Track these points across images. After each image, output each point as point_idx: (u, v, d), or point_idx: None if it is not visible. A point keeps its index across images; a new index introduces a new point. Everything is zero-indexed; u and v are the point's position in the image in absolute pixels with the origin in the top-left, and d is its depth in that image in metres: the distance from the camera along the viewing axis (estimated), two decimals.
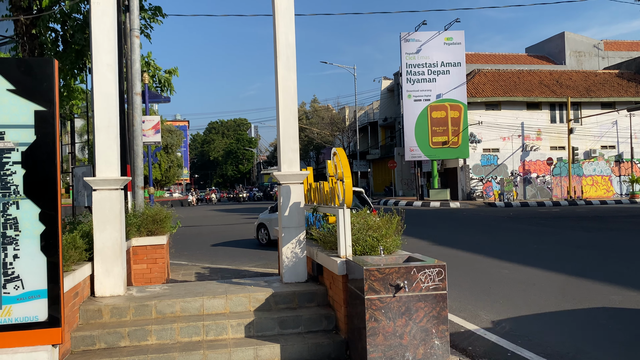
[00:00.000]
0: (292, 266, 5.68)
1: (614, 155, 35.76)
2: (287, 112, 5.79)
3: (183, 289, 5.70)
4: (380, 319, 4.07)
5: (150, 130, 11.19)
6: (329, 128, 53.85)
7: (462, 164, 34.11)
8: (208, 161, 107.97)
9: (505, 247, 11.86)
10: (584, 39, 46.63)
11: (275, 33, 5.80)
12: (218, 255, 11.82)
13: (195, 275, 8.78)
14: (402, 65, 33.15)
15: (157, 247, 7.53)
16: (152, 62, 13.25)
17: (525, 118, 34.64)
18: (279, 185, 5.74)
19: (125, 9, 9.22)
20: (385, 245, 5.03)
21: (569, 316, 5.79)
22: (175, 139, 59.04)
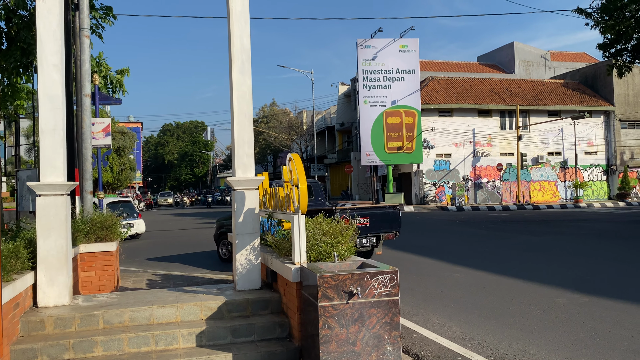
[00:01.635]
0: (245, 273, 5.61)
1: (560, 162, 37.32)
2: (242, 117, 5.72)
3: (132, 297, 5.53)
4: (334, 326, 4.07)
5: (100, 133, 10.82)
6: (287, 132, 53.80)
7: (416, 169, 34.77)
8: (162, 164, 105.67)
9: (457, 250, 12.13)
10: (532, 49, 48.52)
11: (230, 37, 5.73)
12: (171, 261, 11.57)
13: (146, 283, 8.55)
14: (358, 71, 33.52)
15: (106, 254, 7.29)
16: (103, 62, 12.87)
17: (477, 125, 35.69)
18: (233, 191, 5.67)
19: (75, 8, 8.91)
20: (340, 251, 5.04)
21: (517, 319, 5.96)
22: (128, 141, 57.47)
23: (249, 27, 5.79)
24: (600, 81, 38.96)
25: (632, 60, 24.62)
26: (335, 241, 5.13)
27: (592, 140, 37.93)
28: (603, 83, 38.60)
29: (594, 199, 37.38)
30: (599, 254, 10.99)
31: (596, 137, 38.04)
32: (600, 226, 17.82)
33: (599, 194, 38.18)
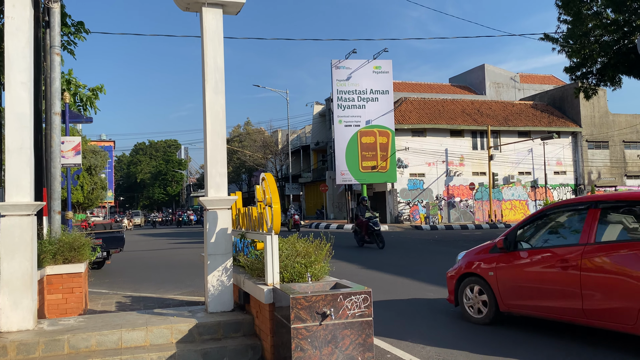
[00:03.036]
0: (217, 295, 5.52)
1: (530, 181, 38.12)
2: (215, 136, 5.69)
3: (100, 320, 5.38)
4: (307, 348, 4.02)
5: (70, 152, 10.62)
6: (262, 151, 53.68)
7: (390, 188, 35.04)
8: (134, 183, 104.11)
9: (430, 269, 12.19)
10: (502, 72, 49.82)
11: (204, 56, 5.73)
12: (142, 283, 11.32)
13: (116, 305, 8.34)
14: (333, 91, 33.84)
15: (74, 276, 7.09)
16: (74, 80, 12.68)
17: (449, 145, 36.28)
18: (205, 211, 5.61)
19: (46, 25, 8.80)
20: (314, 271, 5.01)
21: (491, 339, 5.99)
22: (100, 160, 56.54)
23: (222, 47, 5.80)
24: (567, 103, 40.16)
25: (597, 83, 25.47)
26: (309, 261, 5.11)
27: (561, 160, 38.92)
28: (570, 105, 39.79)
29: None
30: None
31: (564, 157, 39.05)
32: None
33: None
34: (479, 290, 6.70)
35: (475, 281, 6.77)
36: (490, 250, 6.71)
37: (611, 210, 5.62)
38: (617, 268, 5.13)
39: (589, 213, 5.66)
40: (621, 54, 22.87)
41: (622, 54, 22.84)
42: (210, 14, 5.74)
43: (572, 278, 5.43)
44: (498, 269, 6.42)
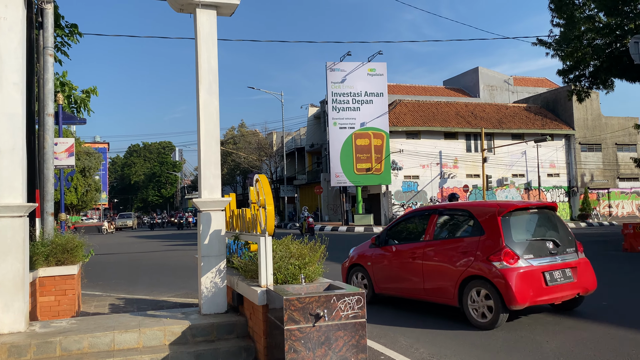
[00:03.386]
0: (211, 297, 5.50)
1: (524, 183, 38.29)
2: (209, 138, 5.69)
3: (93, 322, 5.36)
4: (300, 350, 4.02)
5: (64, 153, 10.57)
6: (257, 153, 53.63)
7: (385, 190, 35.08)
8: (128, 185, 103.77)
9: None
10: (496, 74, 50.04)
11: (198, 58, 5.73)
12: (136, 285, 11.27)
13: (109, 307, 8.30)
14: (328, 94, 33.87)
15: (66, 278, 7.05)
16: (68, 82, 12.64)
17: (443, 147, 36.39)
18: (199, 213, 5.60)
19: (39, 26, 8.77)
20: (307, 273, 5.01)
21: (484, 339, 6.01)
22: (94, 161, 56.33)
23: (216, 49, 5.80)
24: (560, 106, 40.38)
25: (590, 86, 25.64)
26: (303, 263, 5.10)
27: (554, 163, 39.11)
28: (563, 107, 40.01)
29: None
30: None
31: (558, 160, 39.24)
32: None
33: (562, 215, 39.21)
34: (361, 277, 8.48)
35: (359, 269, 8.54)
36: (369, 245, 8.44)
37: (444, 216, 7.48)
38: (442, 258, 6.99)
39: (430, 218, 7.51)
40: (614, 57, 23.02)
41: (614, 57, 23.00)
42: (204, 15, 5.74)
43: (418, 266, 7.24)
44: (373, 260, 8.18)
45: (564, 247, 6.80)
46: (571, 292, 6.60)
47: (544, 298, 6.35)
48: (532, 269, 6.32)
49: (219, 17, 5.94)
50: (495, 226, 6.51)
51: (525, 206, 7.01)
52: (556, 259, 6.59)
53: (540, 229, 6.95)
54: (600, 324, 6.51)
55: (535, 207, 7.15)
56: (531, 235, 6.75)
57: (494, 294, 6.24)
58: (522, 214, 6.89)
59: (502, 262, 6.24)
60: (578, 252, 7.02)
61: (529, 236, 6.70)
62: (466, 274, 6.56)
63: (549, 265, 6.47)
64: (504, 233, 6.44)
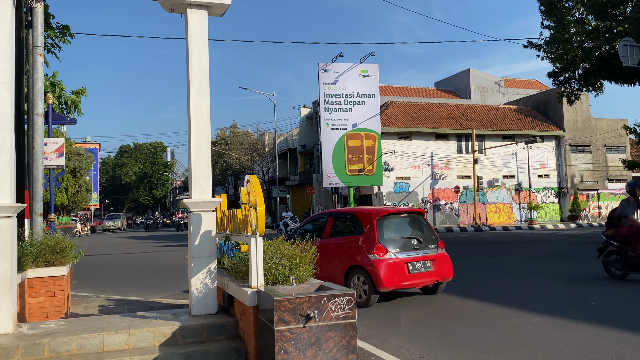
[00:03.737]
0: (201, 298, 5.49)
1: (514, 185, 38.50)
2: (200, 138, 5.67)
3: (82, 324, 5.32)
4: (290, 351, 4.01)
5: (53, 153, 10.50)
6: (249, 153, 53.54)
7: (377, 190, 35.15)
8: (119, 185, 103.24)
9: None
10: (487, 76, 50.30)
11: (188, 58, 5.71)
12: (126, 286, 11.21)
13: (99, 309, 8.24)
14: (320, 95, 33.89)
15: (56, 279, 7.00)
16: (58, 82, 12.55)
17: (435, 148, 36.53)
18: (189, 213, 5.58)
19: (29, 25, 8.70)
20: (298, 274, 5.01)
21: (474, 339, 6.04)
22: (85, 162, 55.97)
23: (207, 48, 5.79)
24: (551, 107, 40.66)
25: (579, 88, 25.87)
26: (294, 263, 5.10)
27: (545, 164, 39.37)
28: (554, 109, 40.29)
29: (547, 220, 38.63)
30: (551, 274, 11.30)
31: (548, 161, 39.51)
32: (553, 247, 18.39)
33: (552, 216, 39.50)
34: None
35: None
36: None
37: (338, 218, 9.09)
38: (334, 251, 8.52)
39: (328, 220, 9.14)
40: (603, 60, 23.24)
41: (603, 60, 23.21)
42: (195, 15, 5.72)
43: (319, 258, 7.33)
44: None
45: (426, 244, 8.40)
46: (430, 279, 8.23)
47: (406, 283, 7.94)
48: (398, 260, 7.91)
49: (210, 17, 5.93)
50: (372, 227, 8.13)
51: (396, 211, 8.61)
52: (418, 253, 8.18)
53: (407, 229, 8.57)
54: (590, 325, 6.56)
55: (405, 212, 8.78)
56: (399, 234, 8.34)
57: (367, 280, 7.86)
58: (393, 217, 8.49)
59: (374, 255, 7.87)
60: (439, 248, 8.58)
61: (397, 235, 8.29)
62: (349, 264, 8.19)
63: (412, 257, 8.05)
64: (377, 232, 8.05)
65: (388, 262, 7.81)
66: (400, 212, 8.70)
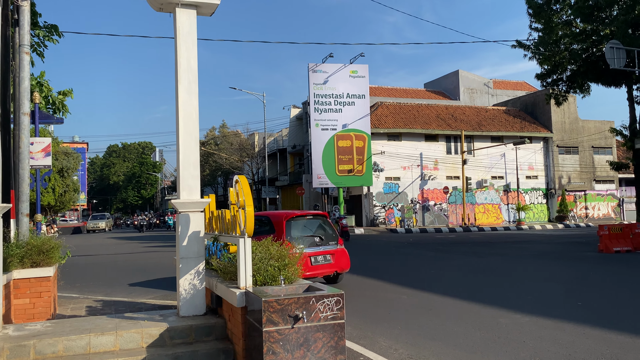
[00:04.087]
0: (189, 299, 5.46)
1: (503, 185, 38.77)
2: (188, 138, 5.65)
3: (69, 325, 5.27)
4: (278, 352, 4.01)
5: (40, 153, 10.39)
6: (238, 154, 53.36)
7: (366, 191, 35.22)
8: (108, 186, 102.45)
9: (405, 272, 12.29)
10: (476, 77, 50.60)
11: (177, 57, 5.69)
12: (114, 287, 11.12)
13: (86, 310, 8.17)
14: (310, 95, 33.89)
15: (42, 280, 6.92)
16: (45, 82, 12.41)
17: (424, 149, 36.68)
18: (177, 214, 5.55)
19: (15, 24, 8.60)
20: (287, 274, 5.00)
21: (462, 339, 6.07)
22: (72, 162, 55.39)
23: (196, 48, 5.77)
24: (539, 109, 41.01)
25: (567, 90, 26.11)
26: (282, 264, 5.10)
27: (533, 165, 39.69)
28: (542, 111, 40.64)
29: (535, 221, 38.94)
30: (538, 275, 11.40)
31: (536, 162, 39.84)
32: (541, 247, 18.54)
33: (540, 217, 39.83)
34: None
35: None
36: None
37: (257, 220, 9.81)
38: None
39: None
40: (590, 62, 23.48)
41: (590, 62, 23.45)
42: (183, 14, 5.70)
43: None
44: None
45: (327, 241, 9.77)
46: (330, 270, 9.59)
47: (309, 273, 9.09)
48: (303, 254, 8.61)
49: (199, 16, 5.91)
50: (281, 227, 9.45)
51: (302, 214, 10.09)
52: (320, 248, 9.52)
53: (311, 229, 9.92)
54: (576, 324, 6.63)
55: (310, 215, 10.26)
56: (304, 233, 9.69)
57: None
58: (299, 219, 9.90)
59: None
60: (338, 244, 9.94)
61: (302, 233, 9.64)
62: None
63: (314, 252, 9.39)
64: (285, 231, 9.38)
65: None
66: (306, 215, 10.22)
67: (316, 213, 10.47)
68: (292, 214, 9.86)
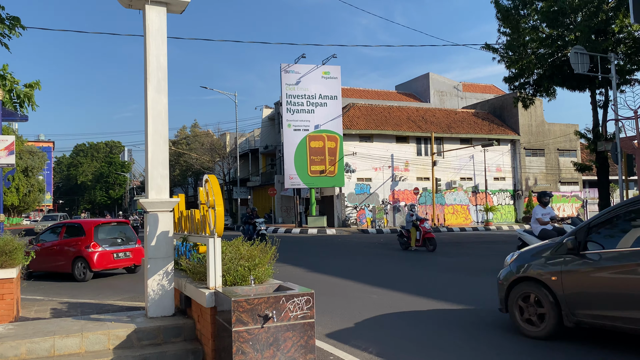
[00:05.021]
0: (158, 299, 5.39)
1: (471, 187, 39.45)
2: (157, 137, 5.58)
3: (32, 327, 5.14)
4: (248, 352, 4.00)
5: (3, 151, 10.12)
6: (209, 154, 52.83)
7: (338, 192, 35.35)
8: (75, 186, 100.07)
9: (375, 272, 12.39)
10: (446, 80, 51.37)
11: (146, 55, 5.61)
12: (80, 289, 10.88)
13: (50, 312, 7.95)
14: (282, 95, 33.83)
15: (4, 282, 6.71)
16: (9, 75, 12.05)
17: (395, 150, 37.04)
18: (145, 213, 5.47)
19: None
20: (257, 274, 4.99)
21: (432, 338, 6.16)
22: (37, 161, 53.99)
23: (166, 46, 5.70)
24: (507, 112, 41.89)
25: (534, 93, 26.75)
26: (253, 264, 5.08)
27: (501, 167, 40.51)
28: (509, 114, 41.52)
29: (503, 221, 39.74)
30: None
31: (504, 164, 40.68)
32: (508, 247, 18.95)
33: (507, 217, 40.67)
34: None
35: None
36: None
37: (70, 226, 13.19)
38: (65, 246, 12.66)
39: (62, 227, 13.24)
40: (555, 67, 24.10)
41: (556, 67, 24.08)
42: (153, 11, 5.63)
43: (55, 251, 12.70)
44: None
45: (128, 241, 12.82)
46: (129, 262, 12.67)
47: (112, 265, 12.30)
48: (106, 251, 12.21)
49: (170, 14, 5.85)
50: (90, 231, 12.27)
51: (108, 222, 13.26)
52: (121, 247, 12.54)
53: (115, 233, 12.91)
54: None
55: (115, 222, 13.42)
56: (109, 236, 12.64)
57: (86, 264, 11.97)
58: (106, 225, 12.90)
59: (90, 248, 11.99)
60: (137, 244, 12.95)
61: (107, 236, 12.61)
62: (75, 255, 12.11)
63: (116, 249, 12.40)
64: (94, 235, 12.22)
65: (100, 252, 12.08)
66: (111, 222, 13.40)
67: (119, 220, 13.70)
68: (99, 222, 12.93)
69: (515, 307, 6.13)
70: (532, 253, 6.18)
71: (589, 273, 5.36)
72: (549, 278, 5.72)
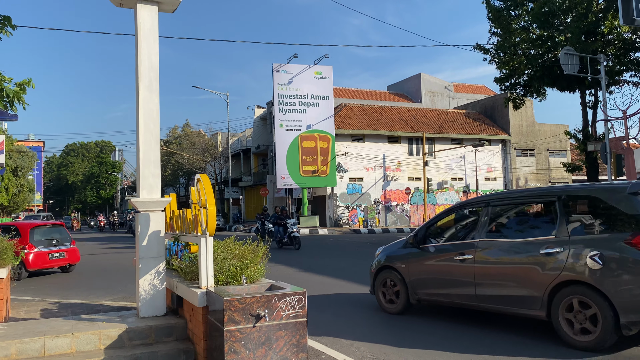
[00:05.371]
0: (149, 299, 5.38)
1: (463, 186, 39.65)
2: (149, 136, 5.57)
3: (22, 328, 5.11)
4: (240, 351, 4.00)
5: None
6: (201, 154, 52.64)
7: (330, 192, 35.39)
8: (65, 186, 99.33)
9: (366, 272, 12.40)
10: (438, 81, 51.57)
11: (138, 54, 5.60)
12: (71, 289, 10.82)
13: (41, 312, 7.90)
14: (274, 95, 33.81)
15: None
16: None
17: (387, 150, 37.15)
18: (137, 213, 5.46)
19: None
20: (249, 274, 4.99)
21: (425, 337, 6.19)
22: (27, 161, 53.46)
23: (157, 45, 5.69)
24: (498, 112, 42.14)
25: (524, 94, 26.92)
26: (245, 263, 5.08)
27: (491, 167, 40.74)
28: (500, 114, 41.78)
29: None
30: None
31: (495, 164, 40.92)
32: None
33: None
34: None
35: None
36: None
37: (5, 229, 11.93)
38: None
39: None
40: (546, 67, 24.26)
41: (546, 67, 24.23)
42: (145, 10, 5.61)
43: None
44: None
45: (63, 242, 13.44)
46: (64, 262, 13.30)
47: (47, 265, 12.90)
48: (42, 252, 12.79)
49: (161, 13, 5.83)
50: (26, 233, 12.64)
51: (43, 224, 13.85)
52: (56, 247, 13.13)
53: (50, 234, 13.44)
54: None
55: (50, 224, 14.03)
56: (44, 237, 13.21)
57: (22, 264, 12.15)
58: (41, 227, 13.45)
59: (27, 250, 12.21)
60: (71, 245, 13.64)
61: (43, 237, 13.12)
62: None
63: (52, 250, 12.99)
64: (29, 237, 12.66)
65: (35, 253, 12.63)
66: (47, 224, 13.99)
67: (55, 223, 14.52)
68: (35, 224, 13.51)
69: (379, 290, 7.71)
70: (394, 247, 7.75)
71: (423, 261, 7.00)
72: (400, 266, 7.34)
